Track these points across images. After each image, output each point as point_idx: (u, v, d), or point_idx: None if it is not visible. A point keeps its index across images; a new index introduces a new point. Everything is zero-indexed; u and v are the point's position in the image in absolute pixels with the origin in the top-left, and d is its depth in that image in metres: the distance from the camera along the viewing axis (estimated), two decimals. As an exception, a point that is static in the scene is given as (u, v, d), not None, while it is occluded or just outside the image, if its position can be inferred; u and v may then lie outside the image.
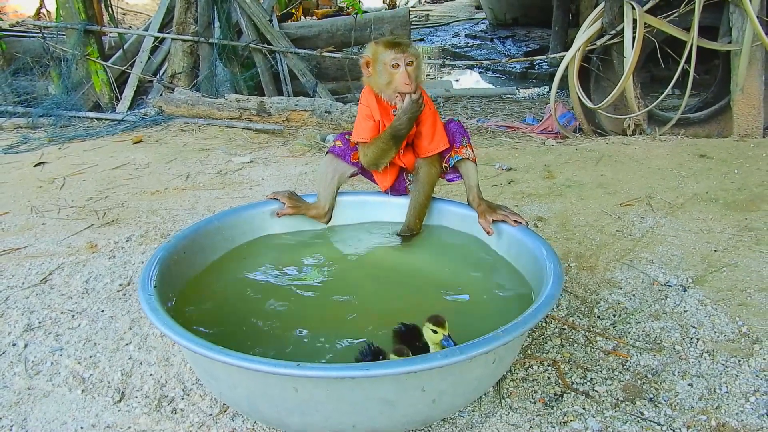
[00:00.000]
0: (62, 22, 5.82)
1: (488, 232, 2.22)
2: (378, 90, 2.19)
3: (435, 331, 1.65)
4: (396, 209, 2.40)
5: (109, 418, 1.78)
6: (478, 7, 15.28)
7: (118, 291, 2.46)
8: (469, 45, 11.38)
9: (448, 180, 2.37)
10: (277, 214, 2.33)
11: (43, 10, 7.51)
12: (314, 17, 8.46)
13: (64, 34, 5.88)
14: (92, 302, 2.38)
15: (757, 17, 4.25)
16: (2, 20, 6.58)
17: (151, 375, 1.96)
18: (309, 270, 2.23)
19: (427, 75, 8.58)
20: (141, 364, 2.01)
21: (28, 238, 2.97)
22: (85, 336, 2.17)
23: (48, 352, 2.09)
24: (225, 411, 1.79)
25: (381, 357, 1.67)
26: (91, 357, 2.05)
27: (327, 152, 2.35)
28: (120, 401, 1.85)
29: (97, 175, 3.91)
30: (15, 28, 7.35)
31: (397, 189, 2.39)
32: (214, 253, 2.17)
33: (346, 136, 2.35)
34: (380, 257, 2.31)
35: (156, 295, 1.68)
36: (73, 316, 2.29)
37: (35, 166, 4.13)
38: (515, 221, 2.15)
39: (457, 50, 10.64)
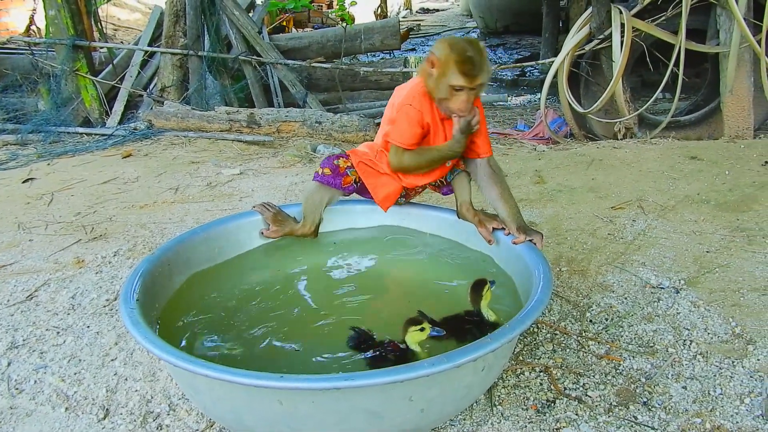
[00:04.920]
0: (51, 38, 5.80)
1: (489, 242, 2.15)
2: (432, 95, 2.01)
3: (423, 329, 1.69)
4: (385, 216, 2.37)
5: (93, 435, 1.75)
6: (470, 16, 15.35)
7: (104, 306, 2.43)
8: (460, 53, 11.39)
9: (443, 194, 2.32)
10: (261, 232, 2.25)
11: (33, 27, 7.53)
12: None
13: (53, 50, 5.87)
14: (78, 318, 2.35)
15: (744, 19, 4.27)
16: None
17: (136, 391, 1.92)
18: (300, 279, 2.21)
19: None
20: (126, 380, 1.98)
21: (15, 254, 2.93)
22: (70, 353, 2.13)
23: (32, 370, 2.05)
24: (211, 426, 1.76)
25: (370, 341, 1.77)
26: (75, 374, 2.02)
27: (314, 179, 2.18)
28: (104, 418, 1.82)
29: (85, 190, 3.88)
30: (5, 45, 7.34)
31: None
32: (201, 264, 2.13)
33: (335, 161, 2.18)
34: (373, 265, 2.28)
35: (138, 309, 1.65)
36: (58, 332, 2.26)
37: (23, 182, 4.10)
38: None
39: (449, 59, 10.64)
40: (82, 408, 1.86)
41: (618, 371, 1.95)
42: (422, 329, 1.68)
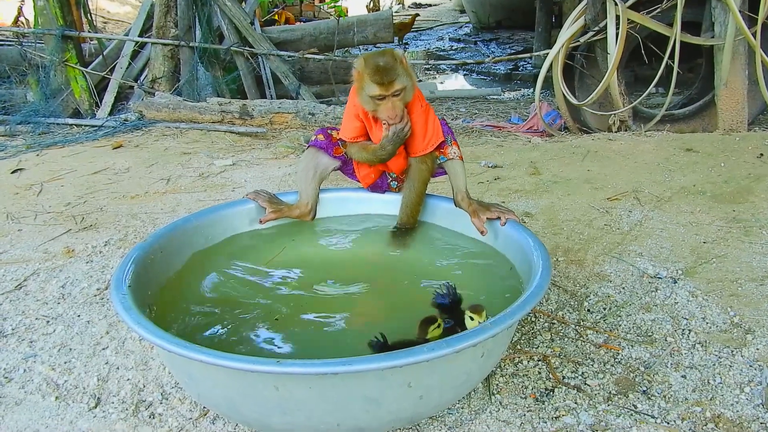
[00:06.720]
0: (40, 28, 5.72)
1: (482, 232, 2.14)
2: (365, 108, 2.08)
3: (471, 318, 1.65)
4: (380, 205, 2.34)
5: (84, 424, 1.71)
6: (462, 11, 15.32)
7: (95, 295, 2.38)
8: (453, 48, 11.38)
9: (433, 175, 2.31)
10: (261, 221, 2.24)
11: (22, 18, 7.42)
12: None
13: (42, 42, 5.79)
14: (68, 307, 2.31)
15: (739, 11, 4.26)
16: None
17: (128, 379, 1.89)
18: (293, 267, 2.17)
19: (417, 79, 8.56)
20: (118, 368, 1.94)
21: (3, 244, 2.88)
22: (60, 341, 2.09)
23: (21, 359, 2.01)
24: (205, 414, 1.72)
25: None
26: (66, 363, 1.98)
27: (308, 146, 2.28)
28: (96, 407, 1.78)
29: (75, 181, 3.82)
30: (-7, 37, 7.25)
31: (379, 186, 2.32)
32: (194, 252, 2.09)
33: (329, 131, 2.28)
34: (368, 252, 2.25)
35: (130, 295, 1.61)
36: (48, 321, 2.22)
37: (12, 173, 4.03)
38: (507, 218, 2.09)
39: (442, 53, 10.63)
40: (73, 397, 1.82)
41: (617, 360, 1.93)
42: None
